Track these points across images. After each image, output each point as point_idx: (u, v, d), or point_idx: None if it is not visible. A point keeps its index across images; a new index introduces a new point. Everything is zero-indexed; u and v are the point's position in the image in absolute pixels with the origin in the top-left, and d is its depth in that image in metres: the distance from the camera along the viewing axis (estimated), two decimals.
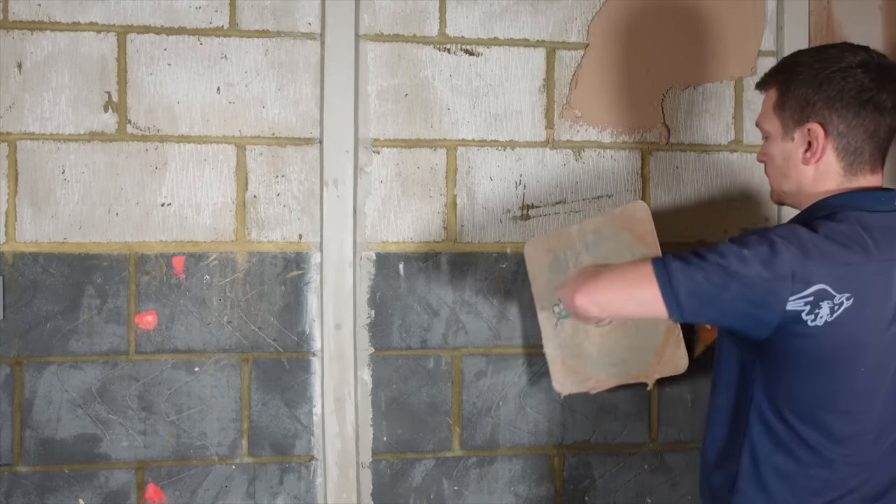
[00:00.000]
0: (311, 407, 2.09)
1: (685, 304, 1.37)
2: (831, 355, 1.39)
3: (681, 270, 1.37)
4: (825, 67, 1.44)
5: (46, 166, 1.99)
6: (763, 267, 1.34)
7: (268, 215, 2.07)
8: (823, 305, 1.35)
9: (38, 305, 1.99)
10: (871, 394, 1.42)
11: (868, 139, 1.44)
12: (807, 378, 1.41)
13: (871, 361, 1.40)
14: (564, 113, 2.17)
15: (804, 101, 1.46)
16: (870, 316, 1.38)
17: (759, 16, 2.25)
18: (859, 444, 1.43)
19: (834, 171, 1.46)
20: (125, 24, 2.01)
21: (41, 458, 2.00)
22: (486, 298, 2.15)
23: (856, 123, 1.43)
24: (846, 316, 1.36)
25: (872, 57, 1.45)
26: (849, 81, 1.42)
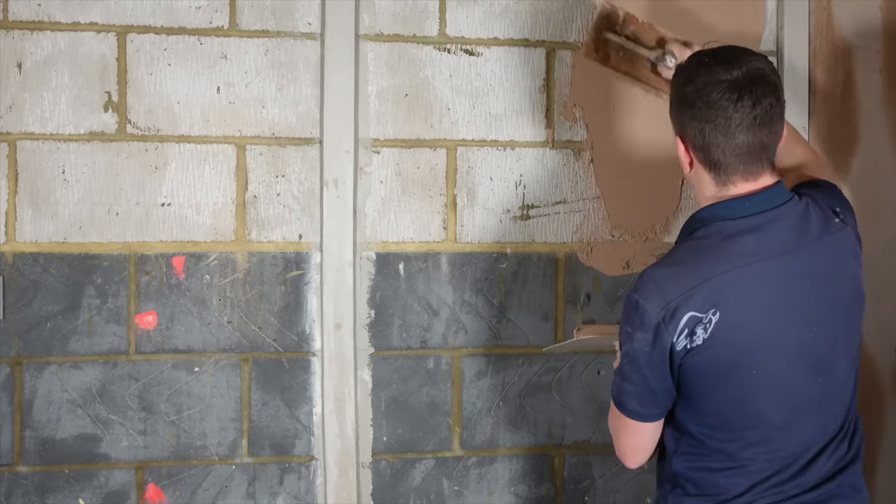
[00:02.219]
0: (311, 407, 2.09)
1: (646, 411, 1.51)
2: (719, 366, 1.45)
3: (621, 394, 1.52)
4: (687, 82, 1.48)
5: (46, 166, 1.99)
6: (642, 332, 1.46)
7: (268, 215, 2.07)
8: (698, 330, 1.42)
9: (38, 305, 1.99)
10: (771, 392, 1.46)
11: (724, 155, 1.46)
12: (708, 390, 1.47)
13: (763, 362, 1.45)
14: (564, 112, 2.17)
15: (672, 114, 1.52)
16: (742, 322, 1.43)
17: (759, 16, 2.25)
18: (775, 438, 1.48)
19: (707, 180, 1.50)
20: (125, 24, 2.01)
21: (41, 458, 2.00)
22: (486, 298, 2.15)
23: (709, 140, 1.46)
24: (718, 328, 1.42)
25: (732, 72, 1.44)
26: (700, 99, 1.45)
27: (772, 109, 1.46)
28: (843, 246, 1.52)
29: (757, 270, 1.44)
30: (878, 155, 2.11)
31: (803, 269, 1.46)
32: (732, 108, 1.43)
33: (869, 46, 2.15)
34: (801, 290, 1.46)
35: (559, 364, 2.17)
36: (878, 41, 2.13)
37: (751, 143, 1.45)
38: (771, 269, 1.44)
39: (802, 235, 1.47)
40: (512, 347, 2.16)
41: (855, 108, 2.17)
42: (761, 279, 1.44)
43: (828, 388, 1.49)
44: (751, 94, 1.44)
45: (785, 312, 1.45)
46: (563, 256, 2.18)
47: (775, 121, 1.47)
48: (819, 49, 2.24)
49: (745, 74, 1.44)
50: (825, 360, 1.48)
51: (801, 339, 1.46)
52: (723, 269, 1.43)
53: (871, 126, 2.14)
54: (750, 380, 1.45)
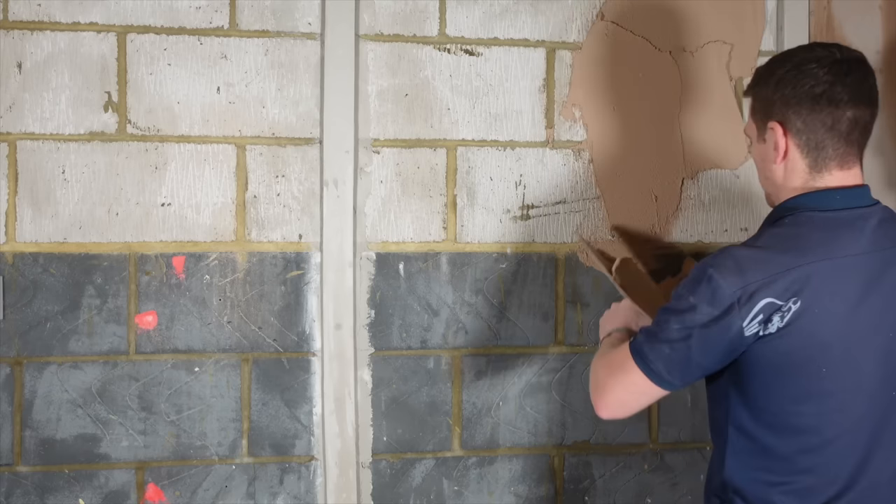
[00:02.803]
0: (311, 407, 2.09)
1: (670, 378, 1.44)
2: (790, 358, 1.40)
3: (651, 352, 1.44)
4: (782, 66, 1.47)
5: (46, 166, 1.99)
6: (709, 306, 1.39)
7: (268, 215, 2.07)
8: (774, 317, 1.37)
9: (38, 305, 1.99)
10: (840, 393, 1.41)
11: (827, 133, 1.44)
12: (772, 383, 1.42)
13: (835, 359, 1.40)
14: (564, 112, 2.17)
15: (766, 101, 1.49)
16: (822, 315, 1.38)
17: (759, 16, 2.25)
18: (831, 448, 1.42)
19: (800, 168, 1.47)
20: (125, 24, 2.01)
21: (41, 458, 2.00)
22: (486, 298, 2.15)
23: (811, 118, 1.44)
24: (797, 319, 1.37)
25: (834, 53, 1.45)
26: (803, 78, 1.44)
27: (874, 92, 1.45)
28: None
29: (844, 265, 1.40)
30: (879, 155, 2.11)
31: (888, 272, 1.42)
32: (840, 84, 1.42)
33: (869, 46, 2.15)
34: (886, 293, 1.42)
35: (559, 364, 2.17)
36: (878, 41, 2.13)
37: (856, 119, 1.43)
38: (859, 266, 1.41)
39: (890, 238, 1.44)
40: (512, 347, 2.16)
41: None
42: (848, 275, 1.40)
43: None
44: (857, 71, 1.44)
45: (867, 313, 1.41)
46: (562, 256, 2.18)
47: (876, 104, 1.46)
48: None
49: (846, 55, 1.45)
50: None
51: (879, 343, 1.41)
52: (809, 260, 1.39)
53: None
54: (818, 377, 1.40)
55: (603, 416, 1.52)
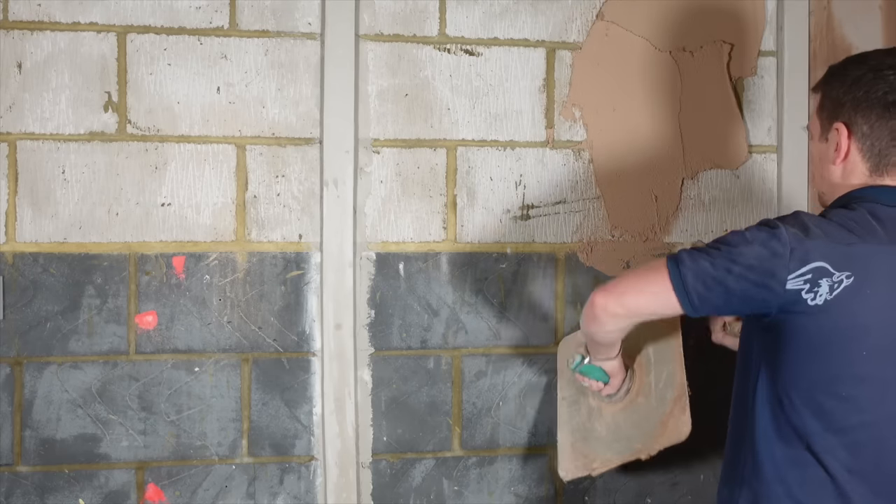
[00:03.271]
0: (311, 407, 2.09)
1: (692, 289, 1.41)
2: (830, 336, 1.39)
3: (689, 258, 1.42)
4: (859, 69, 1.46)
5: (46, 166, 1.99)
6: (762, 247, 1.38)
7: (268, 215, 2.07)
8: (823, 283, 1.36)
9: (38, 305, 1.99)
10: (877, 382, 1.40)
11: (892, 142, 1.44)
12: (806, 360, 1.41)
13: (875, 345, 1.39)
14: (564, 112, 2.17)
15: (836, 101, 1.49)
16: (871, 297, 1.38)
17: (759, 16, 2.25)
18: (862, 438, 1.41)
19: (860, 171, 1.47)
20: (125, 24, 2.01)
21: (41, 458, 2.00)
22: (486, 298, 2.15)
23: (879, 125, 1.44)
24: (845, 294, 1.36)
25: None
26: (878, 83, 1.44)
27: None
28: None
29: None
30: None
31: None
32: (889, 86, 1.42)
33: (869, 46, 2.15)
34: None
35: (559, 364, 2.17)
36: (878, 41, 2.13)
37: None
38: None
39: None
40: (512, 347, 2.16)
41: None
42: None
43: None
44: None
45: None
46: (562, 256, 2.18)
47: None
48: (819, 49, 2.24)
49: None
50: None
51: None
52: (871, 242, 1.39)
53: None
54: (857, 360, 1.39)
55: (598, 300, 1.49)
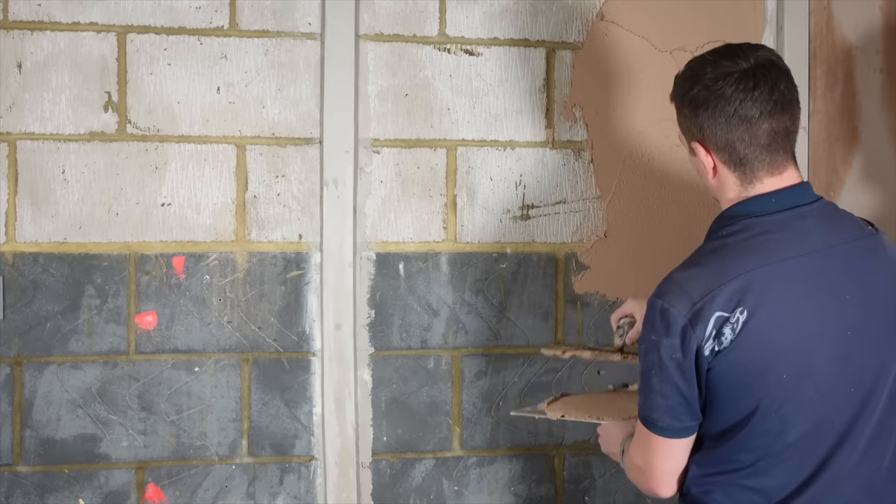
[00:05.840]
0: (311, 407, 2.09)
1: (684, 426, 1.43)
2: (748, 368, 1.38)
3: (653, 412, 1.43)
4: (693, 86, 1.44)
5: (46, 166, 1.99)
6: (669, 337, 1.38)
7: (268, 215, 2.07)
8: (725, 330, 1.36)
9: (38, 305, 1.99)
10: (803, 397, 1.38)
11: (748, 148, 1.42)
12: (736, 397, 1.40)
13: (793, 365, 1.37)
14: (564, 112, 2.17)
15: (683, 121, 1.48)
16: (771, 322, 1.36)
17: (759, 16, 2.25)
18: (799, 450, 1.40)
19: (731, 181, 1.45)
20: (125, 24, 2.01)
21: (41, 458, 2.00)
22: (486, 298, 2.15)
23: (729, 137, 1.42)
24: (746, 328, 1.35)
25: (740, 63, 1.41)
26: (712, 99, 1.42)
27: (789, 93, 1.42)
28: (881, 252, 1.46)
29: (786, 268, 1.38)
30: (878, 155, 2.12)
31: (836, 269, 1.40)
32: (750, 98, 1.40)
33: (869, 46, 2.15)
34: (834, 291, 1.39)
35: (559, 364, 2.17)
36: (878, 41, 2.13)
37: (774, 129, 1.41)
38: (802, 267, 1.38)
39: (835, 235, 1.42)
40: (512, 347, 2.16)
41: (855, 107, 2.17)
42: (791, 277, 1.38)
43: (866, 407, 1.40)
44: (766, 80, 1.41)
45: (818, 313, 1.38)
46: (562, 256, 2.18)
47: (794, 105, 1.43)
48: (819, 49, 2.24)
49: (755, 63, 1.41)
50: (861, 372, 1.40)
51: (836, 343, 1.39)
52: (749, 267, 1.37)
53: (871, 126, 2.14)
54: (778, 384, 1.37)
55: (667, 495, 1.50)
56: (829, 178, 2.21)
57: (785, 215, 1.42)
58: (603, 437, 1.70)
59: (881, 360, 1.42)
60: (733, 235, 1.43)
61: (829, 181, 2.21)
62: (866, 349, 1.40)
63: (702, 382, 1.40)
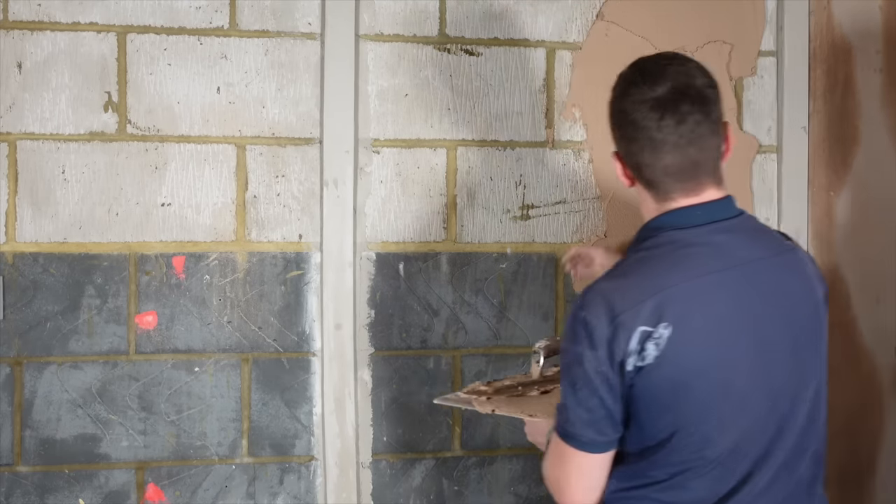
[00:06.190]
0: (311, 407, 2.09)
1: (607, 439, 1.40)
2: (671, 384, 1.35)
3: (574, 425, 1.39)
4: (614, 101, 1.42)
5: (46, 166, 1.99)
6: (592, 349, 1.35)
7: (268, 215, 2.07)
8: (648, 346, 1.33)
9: (38, 305, 1.99)
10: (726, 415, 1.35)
11: (660, 175, 1.40)
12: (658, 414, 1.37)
13: (715, 381, 1.34)
14: (564, 112, 2.17)
15: (611, 129, 1.46)
16: (694, 338, 1.34)
17: (759, 16, 2.25)
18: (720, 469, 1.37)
19: (648, 196, 1.43)
20: (125, 24, 2.01)
21: (41, 458, 2.00)
22: (486, 298, 2.15)
23: (641, 161, 1.40)
24: (670, 344, 1.32)
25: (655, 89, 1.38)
26: (625, 124, 1.40)
27: (698, 127, 1.37)
28: (801, 268, 1.43)
29: (709, 282, 1.35)
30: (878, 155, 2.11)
31: (758, 284, 1.37)
32: (656, 129, 1.37)
33: (869, 46, 2.15)
34: (756, 306, 1.36)
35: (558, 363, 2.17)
36: (878, 41, 2.13)
37: (680, 163, 1.38)
38: (724, 281, 1.35)
39: (758, 249, 1.39)
40: (512, 347, 2.16)
41: (855, 107, 2.17)
42: (713, 292, 1.35)
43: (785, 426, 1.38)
44: (673, 113, 1.36)
45: (741, 330, 1.35)
46: (563, 256, 2.17)
47: (705, 138, 1.37)
48: (819, 49, 2.24)
49: (669, 90, 1.37)
50: (780, 390, 1.38)
51: (760, 359, 1.36)
52: (673, 281, 1.34)
53: (871, 126, 2.14)
54: (701, 401, 1.35)
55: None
56: (829, 178, 2.21)
57: (708, 228, 1.39)
58: (529, 428, 1.68)
59: (800, 378, 1.40)
60: (657, 248, 1.40)
61: (829, 181, 2.21)
62: (786, 367, 1.38)
63: (623, 396, 1.37)
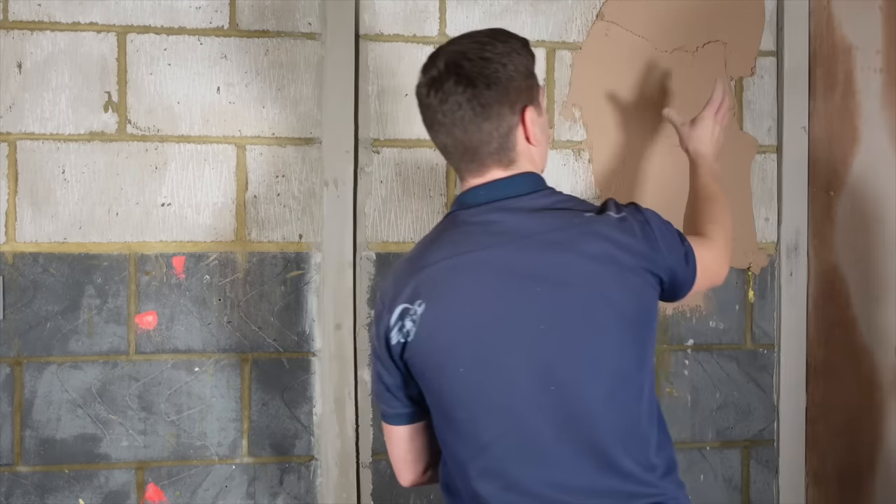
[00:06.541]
0: (311, 407, 2.09)
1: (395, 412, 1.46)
2: (430, 362, 1.35)
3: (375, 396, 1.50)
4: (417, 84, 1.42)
5: (46, 166, 1.99)
6: (375, 326, 1.42)
7: (268, 215, 2.07)
8: (407, 322, 1.35)
9: (38, 305, 1.99)
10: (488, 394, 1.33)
11: (444, 154, 1.42)
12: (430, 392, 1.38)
13: (471, 360, 1.33)
14: (564, 112, 2.17)
15: None
16: (446, 314, 1.34)
17: (759, 16, 2.25)
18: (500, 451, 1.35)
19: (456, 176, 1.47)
20: (125, 24, 2.01)
21: (41, 458, 2.00)
22: None
23: (434, 140, 1.42)
24: (424, 322, 1.34)
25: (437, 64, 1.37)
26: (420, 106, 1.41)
27: (460, 109, 1.35)
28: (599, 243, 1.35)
29: (471, 259, 1.34)
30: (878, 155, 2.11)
31: (527, 261, 1.33)
32: (426, 108, 1.39)
33: (869, 46, 2.15)
34: (522, 284, 1.32)
35: None
36: (878, 41, 2.13)
37: (452, 144, 1.38)
38: (487, 258, 1.34)
39: (534, 226, 1.35)
40: None
41: (855, 108, 2.17)
42: (474, 269, 1.34)
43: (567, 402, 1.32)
44: (437, 92, 1.36)
45: (500, 306, 1.33)
46: None
47: (471, 120, 1.35)
48: (819, 49, 2.24)
49: (442, 69, 1.36)
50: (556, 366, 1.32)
51: (522, 337, 1.32)
52: (436, 259, 1.36)
53: (871, 126, 2.14)
54: (459, 378, 1.33)
55: (403, 483, 1.51)
56: (829, 178, 2.21)
57: (486, 208, 1.38)
58: None
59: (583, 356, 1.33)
60: (441, 229, 1.43)
61: (829, 181, 2.21)
62: (559, 346, 1.33)
63: (401, 372, 1.41)
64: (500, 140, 1.38)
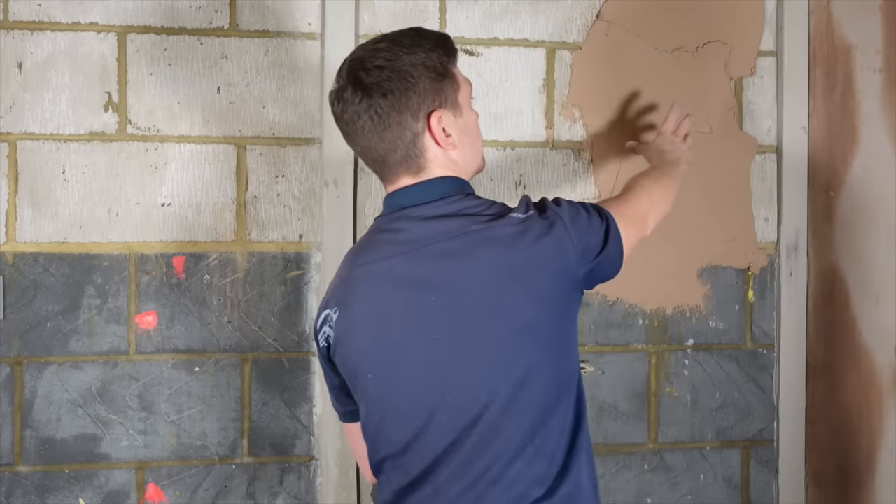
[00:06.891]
0: (311, 407, 2.09)
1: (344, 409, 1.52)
2: (345, 367, 1.40)
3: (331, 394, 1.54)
4: None
5: (46, 166, 1.99)
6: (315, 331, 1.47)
7: (268, 215, 2.07)
8: (326, 327, 1.40)
9: (38, 305, 1.99)
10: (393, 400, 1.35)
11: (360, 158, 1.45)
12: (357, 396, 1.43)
13: (377, 366, 1.36)
14: (564, 112, 2.17)
15: None
16: (353, 322, 1.37)
17: (759, 16, 2.25)
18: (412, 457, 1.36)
19: None
20: (125, 24, 2.01)
21: (41, 458, 2.00)
22: None
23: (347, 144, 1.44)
24: (338, 328, 1.38)
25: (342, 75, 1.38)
26: None
27: (359, 119, 1.35)
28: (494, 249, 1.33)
29: (376, 269, 1.36)
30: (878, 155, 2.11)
31: (422, 270, 1.33)
32: (335, 118, 1.40)
33: (869, 46, 2.15)
34: (417, 293, 1.33)
35: None
36: (877, 41, 2.13)
37: (361, 152, 1.41)
38: (389, 267, 1.35)
39: (431, 234, 1.35)
40: None
41: (855, 108, 2.17)
42: (377, 278, 1.35)
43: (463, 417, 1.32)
44: (339, 103, 1.37)
45: (399, 315, 1.34)
46: None
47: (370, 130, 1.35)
48: (819, 49, 2.24)
49: (344, 78, 1.37)
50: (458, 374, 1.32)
51: (422, 347, 1.33)
52: (352, 266, 1.40)
53: (870, 126, 2.14)
54: (367, 383, 1.37)
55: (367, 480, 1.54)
56: (828, 178, 2.21)
57: (396, 215, 1.39)
58: None
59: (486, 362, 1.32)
60: (369, 232, 1.46)
61: (829, 181, 2.21)
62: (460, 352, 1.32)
63: (335, 372, 1.46)
64: (406, 148, 1.37)
